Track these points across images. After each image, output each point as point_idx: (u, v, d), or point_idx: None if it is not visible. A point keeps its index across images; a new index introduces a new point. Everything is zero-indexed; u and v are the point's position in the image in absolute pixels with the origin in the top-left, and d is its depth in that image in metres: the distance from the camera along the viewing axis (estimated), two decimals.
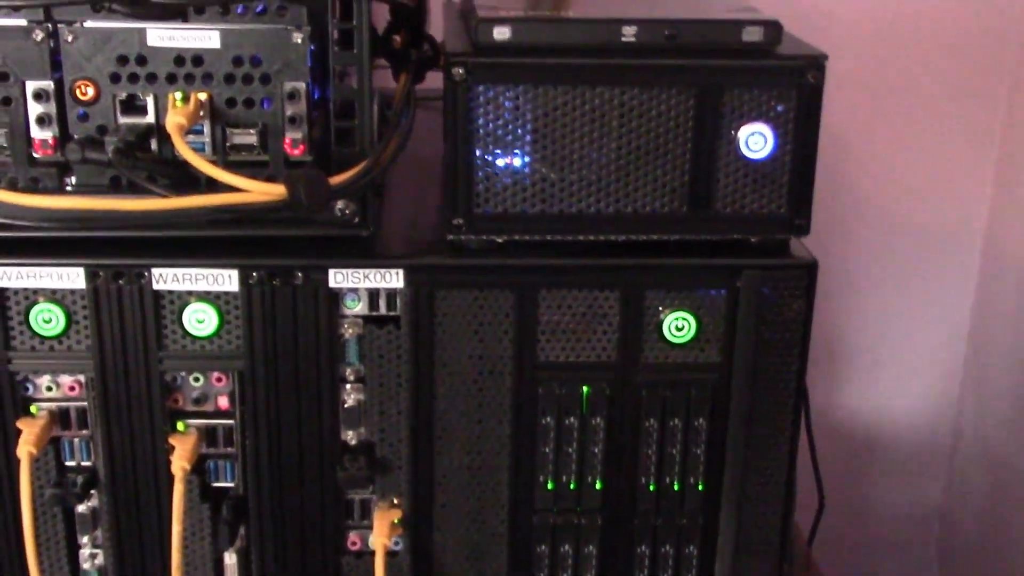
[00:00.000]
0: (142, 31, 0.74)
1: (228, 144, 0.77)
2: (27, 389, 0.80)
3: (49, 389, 0.81)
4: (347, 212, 0.77)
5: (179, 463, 0.79)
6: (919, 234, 1.39)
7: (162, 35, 0.74)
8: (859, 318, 1.41)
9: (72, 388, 0.81)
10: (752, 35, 0.76)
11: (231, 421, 0.82)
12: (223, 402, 0.82)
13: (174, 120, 0.73)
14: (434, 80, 0.83)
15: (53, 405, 0.81)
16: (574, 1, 0.84)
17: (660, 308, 0.80)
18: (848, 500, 1.45)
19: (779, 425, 0.82)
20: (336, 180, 0.72)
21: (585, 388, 0.81)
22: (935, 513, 1.50)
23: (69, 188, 0.77)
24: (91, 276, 0.77)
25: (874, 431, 1.47)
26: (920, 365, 1.44)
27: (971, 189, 1.37)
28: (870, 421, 1.47)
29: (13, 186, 0.76)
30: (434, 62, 0.89)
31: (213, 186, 0.73)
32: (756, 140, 0.77)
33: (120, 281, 0.78)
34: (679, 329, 0.80)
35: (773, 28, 0.76)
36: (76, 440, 0.82)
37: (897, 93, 1.32)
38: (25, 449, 0.78)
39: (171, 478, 0.80)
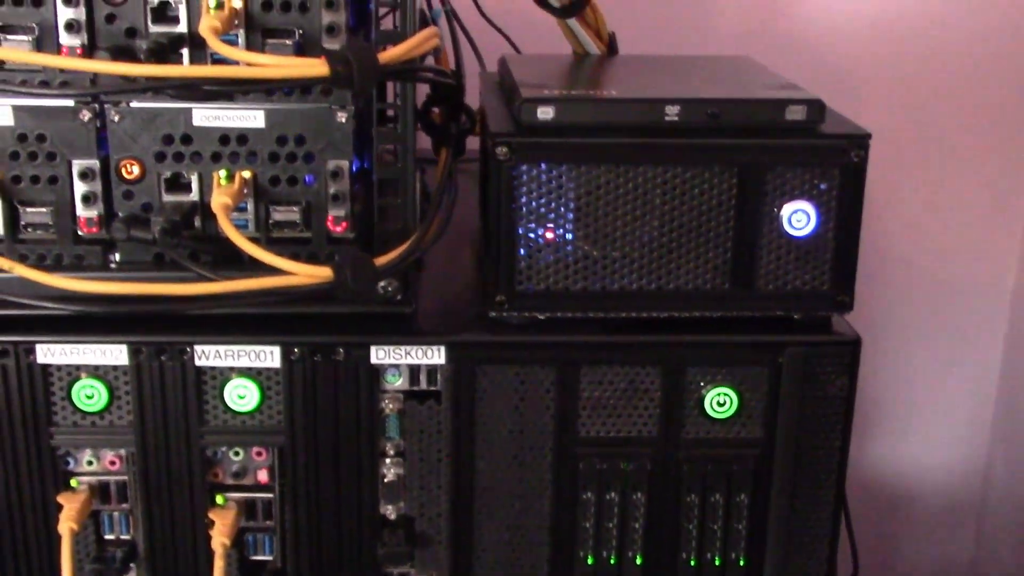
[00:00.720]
0: (188, 111, 0.74)
1: (271, 221, 0.77)
2: (68, 463, 0.81)
3: (90, 463, 0.81)
4: (390, 289, 0.77)
5: (219, 538, 0.79)
6: (947, 288, 1.38)
7: (208, 115, 0.75)
8: (888, 372, 1.41)
9: (113, 463, 0.81)
10: (795, 114, 0.76)
11: (270, 495, 0.82)
12: (262, 476, 0.81)
13: (220, 200, 0.73)
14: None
15: (93, 479, 0.81)
16: (615, 76, 0.84)
17: (702, 384, 0.80)
18: (878, 557, 1.44)
19: (821, 500, 0.82)
20: (381, 261, 0.72)
21: (625, 464, 0.80)
22: (966, 569, 1.49)
23: (113, 265, 0.77)
24: (134, 353, 0.77)
25: (903, 487, 1.46)
26: (949, 420, 1.43)
27: (1000, 244, 1.36)
28: (899, 476, 1.46)
29: (58, 263, 0.77)
30: (471, 131, 0.89)
31: (255, 262, 0.73)
32: (799, 218, 0.77)
33: (163, 357, 0.78)
34: (720, 405, 0.80)
35: (816, 107, 0.76)
36: (116, 514, 0.82)
37: (925, 147, 1.32)
38: (67, 525, 0.78)
39: (211, 552, 0.79)
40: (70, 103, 0.74)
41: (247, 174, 0.76)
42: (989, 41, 1.28)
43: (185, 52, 0.73)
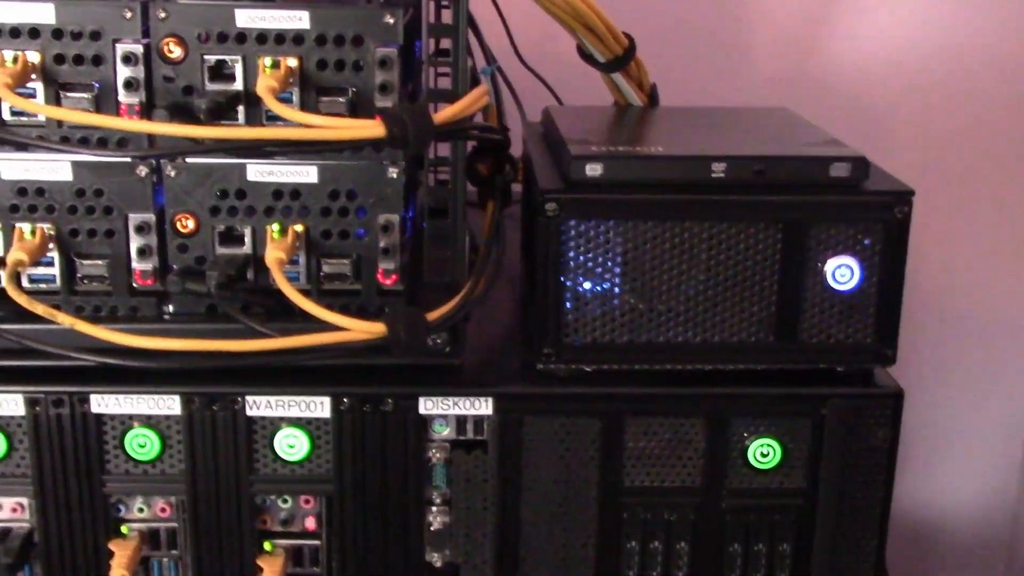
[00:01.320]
0: (242, 167, 0.76)
1: (322, 273, 0.78)
2: (119, 510, 0.82)
3: (140, 511, 0.82)
4: (439, 342, 0.78)
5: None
6: (977, 327, 1.39)
7: (261, 170, 0.76)
8: (917, 413, 1.41)
9: (163, 510, 0.82)
10: (839, 171, 0.77)
11: (318, 542, 0.83)
12: (310, 523, 0.82)
13: (274, 255, 0.74)
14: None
15: (144, 526, 0.82)
16: (660, 131, 0.86)
17: (745, 435, 0.81)
18: None
19: (864, 550, 0.82)
20: (433, 316, 0.73)
21: (669, 514, 0.81)
22: None
23: (167, 316, 0.79)
24: (186, 403, 0.79)
25: (933, 526, 1.46)
26: (979, 460, 1.44)
27: None
28: (929, 512, 1.46)
29: (113, 314, 0.78)
30: (515, 180, 0.90)
31: (307, 314, 0.74)
32: (843, 272, 0.78)
33: (214, 407, 0.79)
34: (764, 455, 0.81)
35: (860, 164, 0.77)
36: (165, 560, 0.83)
37: (954, 188, 1.33)
38: (118, 572, 0.79)
39: None
40: (127, 159, 0.75)
41: (299, 228, 0.77)
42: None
43: (241, 110, 0.75)
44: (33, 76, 0.73)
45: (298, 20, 0.73)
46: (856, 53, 1.28)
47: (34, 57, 0.73)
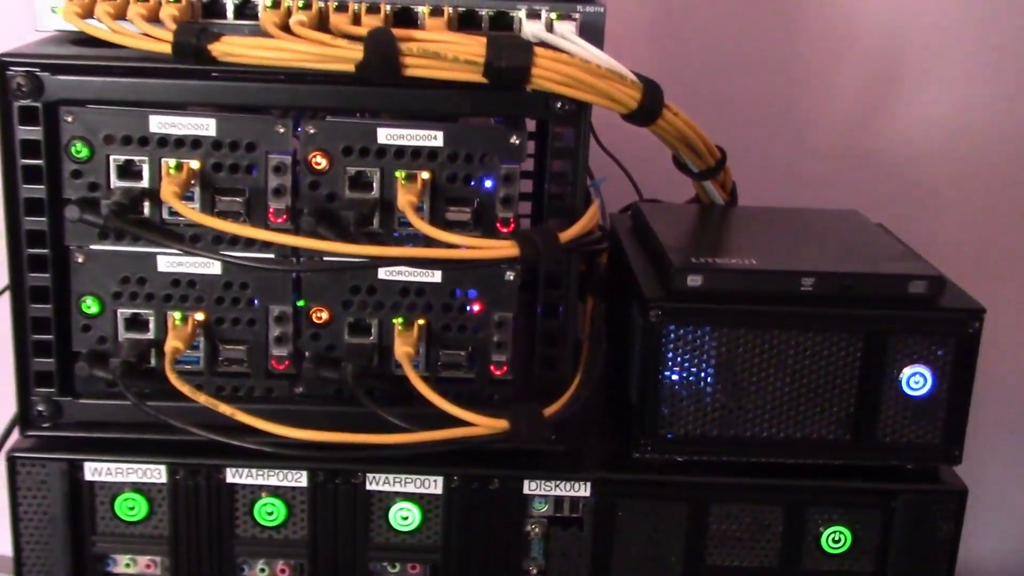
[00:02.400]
0: (363, 261, 0.83)
1: (439, 362, 0.86)
2: (243, 570, 0.89)
3: (263, 571, 0.89)
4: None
5: None
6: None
7: (391, 270, 0.84)
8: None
9: (283, 571, 0.89)
10: (918, 288, 0.85)
11: None
12: None
13: (402, 348, 0.82)
14: None
15: None
16: (750, 240, 0.93)
17: (819, 523, 0.88)
18: None
19: None
20: (549, 412, 0.81)
21: None
22: None
23: (297, 396, 0.86)
24: (312, 477, 0.86)
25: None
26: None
27: None
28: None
29: (250, 394, 0.86)
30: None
31: (423, 398, 0.81)
32: (917, 379, 0.85)
33: (337, 481, 0.86)
34: (836, 542, 0.88)
35: (937, 282, 0.85)
36: None
37: (1003, 261, 1.40)
38: None
39: None
40: (271, 255, 0.83)
41: (422, 322, 0.85)
42: None
43: (376, 217, 0.82)
44: (192, 182, 0.81)
45: (433, 139, 0.81)
46: (904, 133, 1.35)
47: (195, 165, 0.81)
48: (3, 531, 1.05)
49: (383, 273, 0.84)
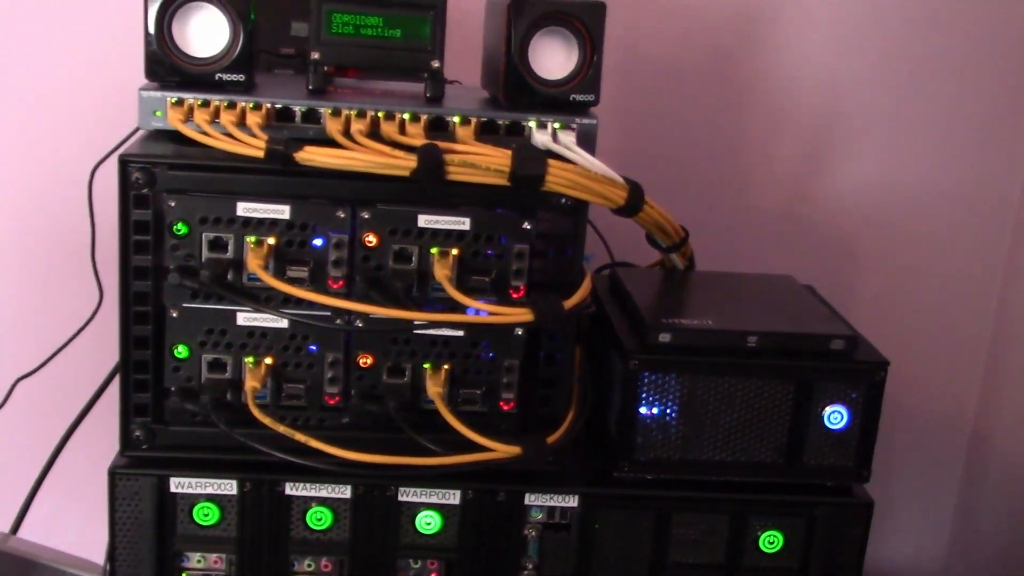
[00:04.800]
0: (412, 324, 1.05)
1: (459, 399, 1.07)
2: (294, 565, 1.10)
3: (309, 566, 1.10)
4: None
5: None
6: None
7: (425, 328, 1.05)
8: None
9: (326, 566, 1.10)
10: (838, 344, 1.08)
11: None
12: None
13: (434, 389, 1.04)
14: None
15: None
16: (706, 302, 1.16)
17: (758, 527, 1.11)
18: None
19: None
20: (551, 440, 1.03)
21: None
22: None
23: (344, 424, 1.07)
24: (355, 490, 1.07)
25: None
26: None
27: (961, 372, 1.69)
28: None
29: (306, 422, 1.06)
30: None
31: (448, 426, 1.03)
32: (836, 416, 1.08)
33: (375, 493, 1.07)
34: (771, 543, 1.11)
35: (852, 340, 1.08)
36: None
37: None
38: None
39: None
40: (328, 312, 1.04)
41: (447, 367, 1.06)
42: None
43: (414, 284, 1.04)
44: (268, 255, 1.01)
45: (462, 223, 1.03)
46: (836, 194, 1.59)
47: (271, 241, 1.01)
48: (88, 539, 1.26)
49: (418, 329, 1.05)
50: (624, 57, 1.46)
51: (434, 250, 1.03)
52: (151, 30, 1.01)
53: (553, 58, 1.06)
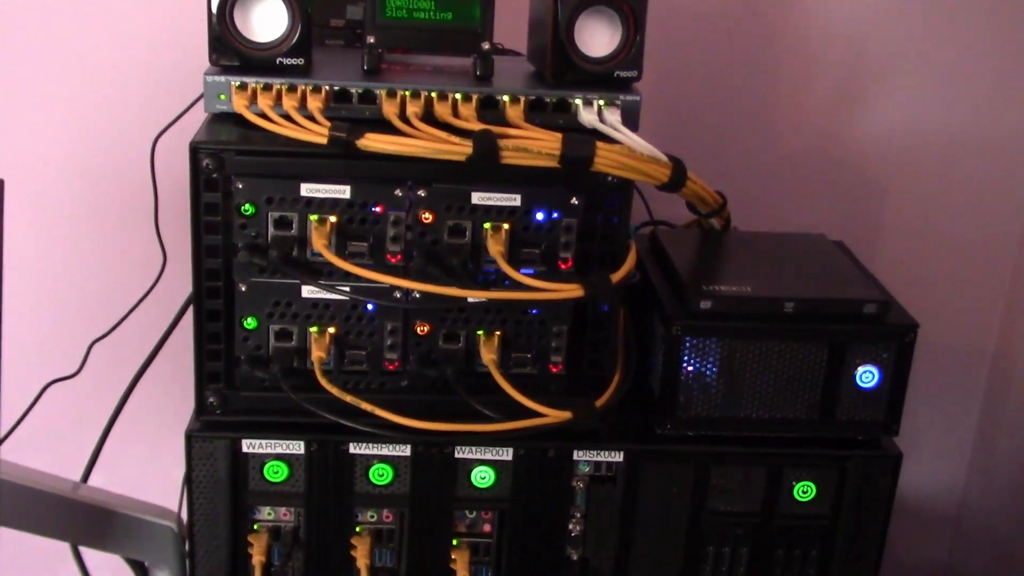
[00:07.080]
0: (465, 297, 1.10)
1: (511, 362, 1.14)
2: (356, 516, 1.18)
3: (372, 517, 1.18)
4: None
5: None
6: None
7: (479, 297, 1.11)
8: None
9: (387, 517, 1.18)
10: (870, 309, 1.14)
11: (491, 540, 1.19)
12: (487, 527, 1.19)
13: (488, 355, 1.10)
14: None
15: (373, 527, 1.18)
16: (744, 267, 1.21)
17: (792, 478, 1.18)
18: None
19: (869, 555, 1.21)
20: (600, 403, 1.10)
21: (738, 529, 1.19)
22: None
23: (403, 385, 1.14)
24: (415, 448, 1.14)
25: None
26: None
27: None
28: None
29: (368, 387, 1.13)
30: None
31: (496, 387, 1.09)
32: (867, 375, 1.15)
33: (432, 451, 1.15)
34: (804, 492, 1.19)
35: (884, 304, 1.14)
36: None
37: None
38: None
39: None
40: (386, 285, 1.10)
41: (499, 333, 1.12)
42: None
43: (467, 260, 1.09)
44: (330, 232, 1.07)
45: (513, 200, 1.08)
46: (865, 139, 1.63)
47: (332, 219, 1.07)
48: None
49: (472, 299, 1.11)
50: (653, 10, 1.49)
51: (487, 225, 1.08)
52: (214, 15, 1.05)
53: (599, 36, 1.10)
